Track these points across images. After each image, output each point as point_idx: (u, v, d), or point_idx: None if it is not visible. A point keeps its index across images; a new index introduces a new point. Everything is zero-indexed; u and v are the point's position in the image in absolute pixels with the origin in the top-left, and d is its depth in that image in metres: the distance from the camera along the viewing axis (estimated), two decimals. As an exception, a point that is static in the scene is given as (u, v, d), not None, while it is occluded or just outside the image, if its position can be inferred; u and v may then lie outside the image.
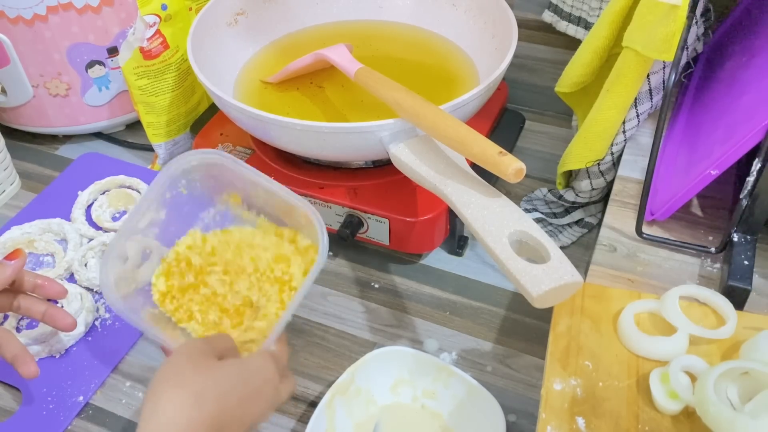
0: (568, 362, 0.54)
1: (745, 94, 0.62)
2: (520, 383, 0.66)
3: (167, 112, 0.86)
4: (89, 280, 0.73)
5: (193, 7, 0.84)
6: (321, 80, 0.82)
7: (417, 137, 0.65)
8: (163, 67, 0.82)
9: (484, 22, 0.84)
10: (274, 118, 0.66)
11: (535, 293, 0.49)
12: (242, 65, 0.86)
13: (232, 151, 0.79)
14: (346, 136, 0.66)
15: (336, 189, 0.73)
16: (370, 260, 0.77)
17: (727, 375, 0.50)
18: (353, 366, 0.61)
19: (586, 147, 0.71)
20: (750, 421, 0.45)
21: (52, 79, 0.87)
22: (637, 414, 0.51)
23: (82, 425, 0.64)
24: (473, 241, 0.78)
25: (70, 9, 0.81)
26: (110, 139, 0.95)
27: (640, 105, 0.70)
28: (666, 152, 0.70)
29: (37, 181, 0.90)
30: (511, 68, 0.74)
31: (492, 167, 0.55)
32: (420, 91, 0.65)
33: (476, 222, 0.55)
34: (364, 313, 0.73)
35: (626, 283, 0.63)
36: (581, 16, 0.86)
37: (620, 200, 0.70)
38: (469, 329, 0.70)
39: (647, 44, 0.61)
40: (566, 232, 0.78)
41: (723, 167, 0.59)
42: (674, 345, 0.54)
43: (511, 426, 0.62)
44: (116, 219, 0.82)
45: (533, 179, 0.85)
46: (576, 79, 0.73)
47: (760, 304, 0.61)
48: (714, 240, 0.65)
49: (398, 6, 0.91)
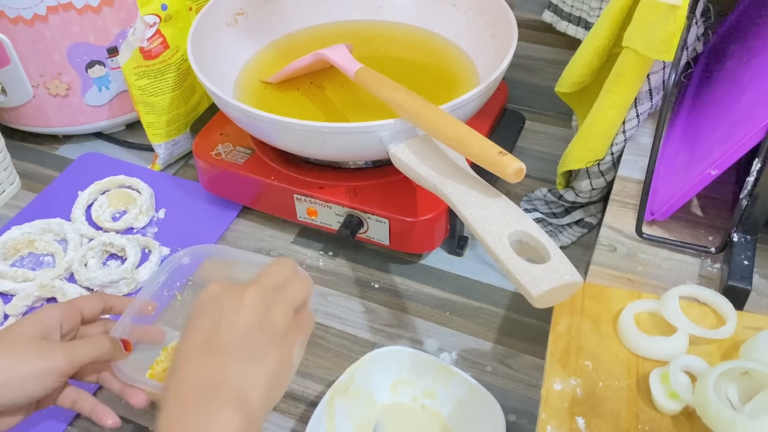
0: (568, 362, 0.54)
1: (745, 94, 0.62)
2: (520, 383, 0.66)
3: (167, 112, 0.86)
4: (89, 280, 0.73)
5: (193, 7, 0.84)
6: (321, 80, 0.82)
7: (417, 137, 0.65)
8: (163, 67, 0.82)
9: (484, 22, 0.84)
10: (274, 118, 0.66)
11: (535, 293, 0.49)
12: (242, 65, 0.86)
13: (232, 151, 0.79)
14: (346, 136, 0.66)
15: (336, 189, 0.73)
16: (370, 260, 0.77)
17: (727, 375, 0.50)
18: (353, 366, 0.61)
19: (586, 147, 0.71)
20: (750, 421, 0.45)
21: (52, 79, 0.87)
22: (637, 414, 0.51)
23: (83, 425, 0.64)
24: (473, 241, 0.78)
25: (70, 9, 0.81)
26: (110, 139, 0.95)
27: (640, 105, 0.70)
28: (666, 152, 0.70)
29: (37, 181, 0.90)
30: (511, 68, 0.74)
31: (492, 167, 0.55)
32: (420, 91, 0.65)
33: (476, 222, 0.55)
34: (364, 313, 0.73)
35: (626, 283, 0.63)
36: (581, 16, 0.85)
37: (620, 200, 0.70)
38: (469, 329, 0.70)
39: (647, 44, 0.61)
40: (566, 232, 0.78)
41: (723, 167, 0.59)
42: (674, 345, 0.54)
43: (511, 426, 0.62)
44: (116, 219, 0.82)
45: (533, 179, 0.85)
46: (576, 79, 0.73)
47: (760, 304, 0.61)
48: (714, 240, 0.65)
49: (398, 6, 0.91)
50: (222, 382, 0.44)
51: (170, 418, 0.44)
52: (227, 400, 0.44)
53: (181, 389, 0.45)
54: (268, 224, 0.82)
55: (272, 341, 0.47)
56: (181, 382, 0.45)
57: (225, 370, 0.45)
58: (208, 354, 0.46)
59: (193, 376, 0.45)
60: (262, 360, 0.46)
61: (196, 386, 0.44)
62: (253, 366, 0.46)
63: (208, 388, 0.44)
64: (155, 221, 0.82)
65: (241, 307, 0.47)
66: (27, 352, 0.53)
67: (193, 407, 0.44)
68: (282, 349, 0.47)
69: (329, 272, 0.77)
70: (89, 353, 0.55)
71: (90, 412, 0.59)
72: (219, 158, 0.78)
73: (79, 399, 0.59)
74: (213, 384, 0.44)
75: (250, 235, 0.81)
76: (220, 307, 0.47)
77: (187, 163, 0.92)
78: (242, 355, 0.46)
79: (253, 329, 0.47)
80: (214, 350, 0.46)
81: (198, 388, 0.44)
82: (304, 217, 0.76)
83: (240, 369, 0.45)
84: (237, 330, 0.46)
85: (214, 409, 0.43)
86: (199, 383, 0.45)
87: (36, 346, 0.54)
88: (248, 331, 0.46)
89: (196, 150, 0.80)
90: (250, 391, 0.45)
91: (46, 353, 0.54)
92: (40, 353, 0.53)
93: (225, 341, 0.46)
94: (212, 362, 0.45)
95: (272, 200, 0.77)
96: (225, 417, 0.43)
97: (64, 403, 0.58)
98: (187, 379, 0.45)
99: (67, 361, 0.54)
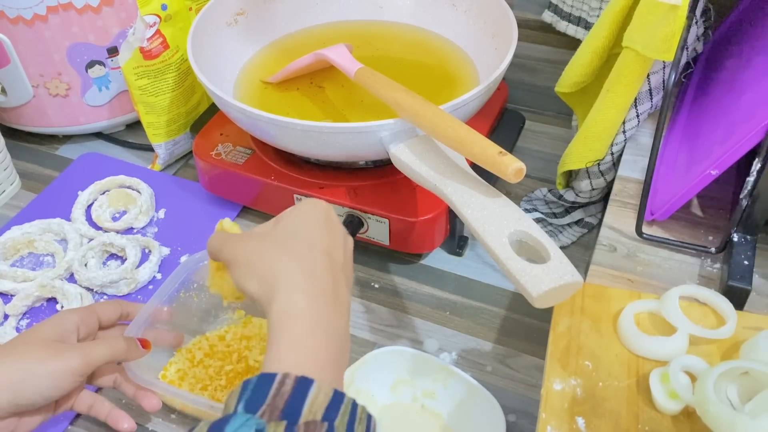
0: (568, 362, 0.54)
1: (745, 94, 0.62)
2: (520, 383, 0.66)
3: (167, 112, 0.86)
4: (89, 280, 0.73)
5: (193, 7, 0.84)
6: (321, 80, 0.82)
7: (417, 137, 0.65)
8: (163, 67, 0.82)
9: (484, 22, 0.84)
10: (274, 118, 0.66)
11: (535, 293, 0.49)
12: (242, 65, 0.86)
13: (232, 151, 0.79)
14: (346, 136, 0.66)
15: (336, 189, 0.73)
16: (370, 260, 0.77)
17: (727, 375, 0.50)
18: (353, 366, 0.61)
19: (586, 147, 0.71)
20: (750, 421, 0.45)
21: (52, 79, 0.87)
22: (637, 414, 0.51)
23: (84, 425, 0.64)
24: (473, 241, 0.78)
25: (70, 9, 0.81)
26: (110, 139, 0.95)
27: (640, 105, 0.70)
28: (666, 152, 0.70)
29: (37, 181, 0.90)
30: (511, 68, 0.74)
31: (492, 167, 0.55)
32: (420, 91, 0.65)
33: (476, 222, 0.55)
34: (364, 313, 0.72)
35: (626, 283, 0.63)
36: (581, 16, 0.86)
37: (620, 200, 0.70)
38: (469, 329, 0.70)
39: (647, 44, 0.61)
40: (566, 232, 0.78)
41: (723, 167, 0.59)
42: (674, 345, 0.54)
43: (511, 426, 0.62)
44: (116, 219, 0.82)
45: (533, 179, 0.85)
46: (576, 79, 0.73)
47: (760, 304, 0.61)
48: (714, 240, 0.65)
49: (398, 6, 0.91)
50: (345, 300, 0.49)
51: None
52: (347, 318, 0.48)
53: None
54: (268, 224, 0.82)
55: (334, 270, 0.50)
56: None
57: (343, 289, 0.50)
58: (334, 266, 0.50)
59: (325, 277, 0.49)
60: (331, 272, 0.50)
61: (326, 291, 0.48)
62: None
63: (336, 296, 0.48)
64: (155, 221, 0.82)
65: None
66: (43, 353, 0.54)
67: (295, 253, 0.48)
68: (343, 277, 0.51)
69: (329, 272, 0.76)
70: (105, 352, 0.56)
71: (106, 416, 0.59)
72: (219, 158, 0.78)
73: (96, 403, 0.59)
74: (337, 295, 0.48)
75: (250, 235, 0.81)
76: (338, 233, 0.53)
77: (187, 163, 0.92)
78: (350, 291, 0.51)
79: (351, 279, 0.52)
80: (336, 265, 0.50)
81: (328, 293, 0.48)
82: (304, 217, 0.76)
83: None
84: (348, 268, 0.52)
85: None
86: (328, 287, 0.48)
87: (52, 347, 0.55)
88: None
89: (196, 150, 0.80)
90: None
91: (62, 353, 0.54)
92: (56, 353, 0.54)
93: (341, 265, 0.51)
94: (335, 272, 0.49)
95: (272, 200, 0.77)
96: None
97: (80, 407, 0.59)
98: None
99: (84, 361, 0.54)
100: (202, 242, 0.78)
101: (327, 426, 0.39)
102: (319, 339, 0.45)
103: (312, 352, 0.44)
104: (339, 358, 0.46)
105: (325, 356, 0.44)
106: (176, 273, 0.67)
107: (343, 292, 0.49)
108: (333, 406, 0.41)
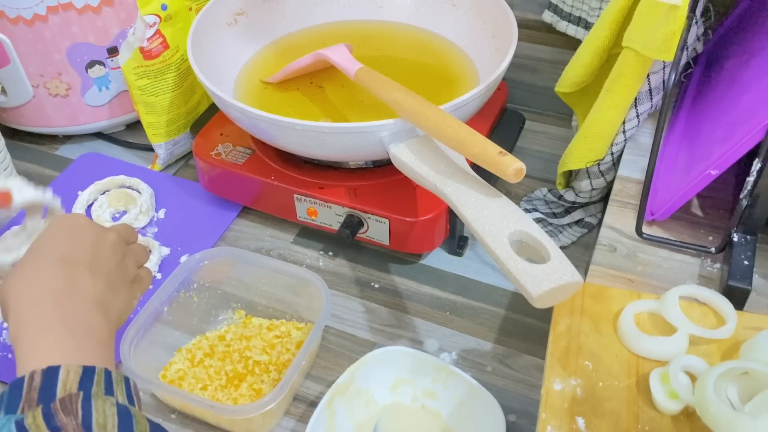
0: (568, 362, 0.54)
1: (745, 94, 0.62)
2: (520, 383, 0.66)
3: (167, 112, 0.86)
4: (89, 280, 0.73)
5: (193, 7, 0.84)
6: (321, 80, 0.83)
7: (417, 137, 0.65)
8: (163, 67, 0.82)
9: (484, 22, 0.84)
10: (274, 118, 0.66)
11: (535, 293, 0.49)
12: (242, 65, 0.86)
13: (232, 151, 0.79)
14: (346, 136, 0.66)
15: (336, 189, 0.73)
16: (370, 260, 0.77)
17: (727, 375, 0.50)
18: (353, 366, 0.61)
19: (586, 147, 0.71)
20: (750, 421, 0.45)
21: (52, 79, 0.87)
22: (637, 414, 0.51)
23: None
24: (473, 241, 0.78)
25: (70, 9, 0.81)
26: (110, 139, 0.95)
27: (640, 105, 0.70)
28: (666, 152, 0.70)
29: (37, 181, 0.89)
30: (511, 68, 0.74)
31: (492, 167, 0.55)
32: (420, 91, 0.65)
33: (476, 222, 0.55)
34: (364, 313, 0.73)
35: (626, 283, 0.63)
36: (581, 16, 0.85)
37: (620, 200, 0.70)
38: (469, 329, 0.70)
39: (647, 44, 0.61)
40: (566, 232, 0.78)
41: (723, 167, 0.59)
42: (674, 345, 0.54)
43: (511, 426, 0.62)
44: (116, 219, 0.82)
45: (533, 179, 0.85)
46: (576, 79, 0.73)
47: (760, 304, 0.61)
48: (714, 240, 0.65)
49: (398, 6, 0.91)
50: (86, 291, 0.49)
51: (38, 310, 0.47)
52: (89, 304, 0.49)
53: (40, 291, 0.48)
54: (268, 224, 0.82)
55: (124, 283, 0.54)
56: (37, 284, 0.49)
57: (86, 281, 0.50)
58: (69, 266, 0.50)
59: (52, 279, 0.49)
60: (117, 294, 0.52)
61: (54, 289, 0.48)
62: (109, 294, 0.51)
63: (70, 290, 0.49)
64: (155, 221, 0.82)
65: (104, 244, 0.53)
66: None
67: (53, 304, 0.48)
68: (129, 293, 0.55)
69: (329, 272, 0.77)
70: None
71: None
72: (219, 158, 0.78)
73: None
74: (73, 289, 0.49)
75: (250, 236, 0.81)
76: (83, 236, 0.52)
77: (187, 163, 0.92)
78: (103, 281, 0.51)
79: (111, 266, 0.53)
80: (74, 264, 0.50)
81: (57, 291, 0.48)
82: (304, 217, 0.76)
83: (102, 289, 0.51)
84: (100, 261, 0.52)
85: (81, 306, 0.48)
86: (57, 286, 0.49)
87: None
88: (109, 265, 0.52)
89: (196, 150, 0.80)
90: (110, 309, 0.51)
91: None
92: None
93: (85, 262, 0.51)
94: (72, 270, 0.50)
95: (272, 200, 0.77)
96: (93, 316, 0.48)
97: None
98: (45, 280, 0.49)
99: None
100: (202, 242, 0.79)
101: (83, 394, 0.42)
102: (58, 332, 0.46)
103: (54, 345, 0.46)
104: (88, 342, 0.47)
105: (72, 344, 0.46)
106: (176, 273, 0.67)
107: (83, 284, 0.50)
108: (85, 378, 0.43)
